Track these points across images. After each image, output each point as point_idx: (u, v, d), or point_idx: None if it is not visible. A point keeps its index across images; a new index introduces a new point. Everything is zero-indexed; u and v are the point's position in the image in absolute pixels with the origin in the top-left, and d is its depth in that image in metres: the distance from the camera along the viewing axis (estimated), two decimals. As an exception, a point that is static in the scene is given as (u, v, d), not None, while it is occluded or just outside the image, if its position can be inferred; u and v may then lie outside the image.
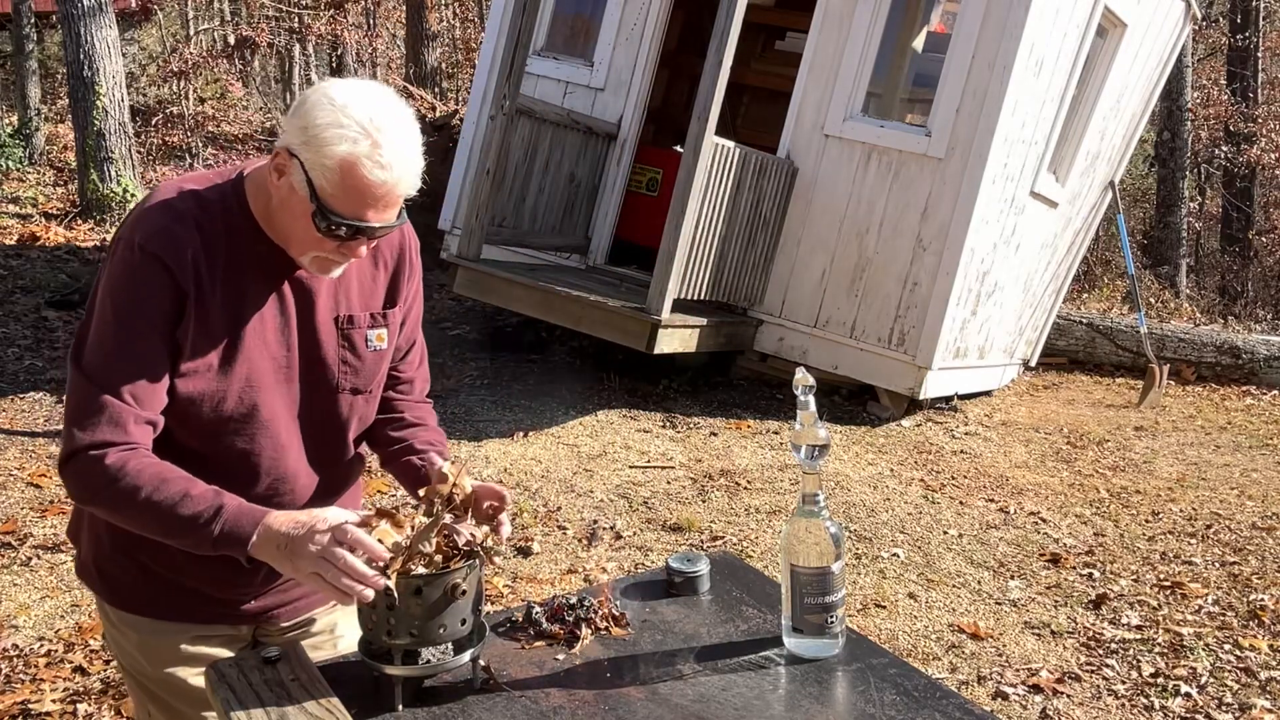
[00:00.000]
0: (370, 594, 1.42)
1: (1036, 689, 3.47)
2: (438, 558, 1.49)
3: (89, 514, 1.76)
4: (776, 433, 6.00)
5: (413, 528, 1.49)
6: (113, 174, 9.50)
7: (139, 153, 10.76)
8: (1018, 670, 3.60)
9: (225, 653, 1.72)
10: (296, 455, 1.73)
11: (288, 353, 1.68)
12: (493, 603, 3.70)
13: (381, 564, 1.44)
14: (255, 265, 1.63)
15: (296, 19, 14.98)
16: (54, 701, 3.05)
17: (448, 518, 1.52)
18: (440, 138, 9.03)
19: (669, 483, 5.14)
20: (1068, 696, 3.44)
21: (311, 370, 1.70)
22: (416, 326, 1.86)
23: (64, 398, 1.63)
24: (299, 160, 1.52)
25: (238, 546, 1.51)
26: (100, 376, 1.55)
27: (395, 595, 1.44)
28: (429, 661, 1.51)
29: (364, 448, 1.88)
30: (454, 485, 1.54)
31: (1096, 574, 4.46)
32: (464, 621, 1.52)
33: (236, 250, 1.61)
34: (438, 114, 10.32)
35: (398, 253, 1.78)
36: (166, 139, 12.42)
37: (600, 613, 1.75)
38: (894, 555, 4.50)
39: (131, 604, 1.76)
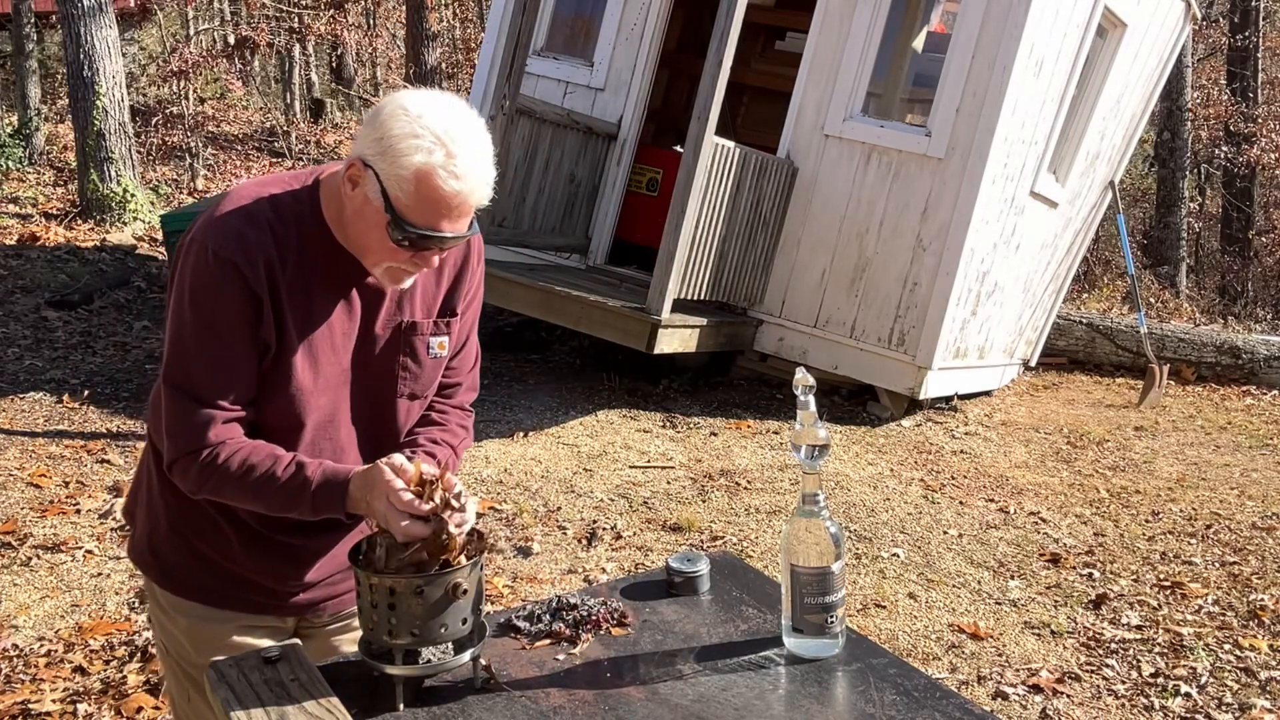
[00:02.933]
0: (419, 528, 1.45)
1: (1036, 689, 3.47)
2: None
3: (146, 495, 1.79)
4: (776, 433, 6.00)
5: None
6: (113, 174, 9.50)
7: (139, 153, 10.76)
8: (1018, 670, 3.60)
9: (270, 643, 1.72)
10: (354, 458, 1.75)
11: (352, 358, 1.70)
12: (493, 603, 3.70)
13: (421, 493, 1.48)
14: (326, 271, 1.64)
15: (296, 19, 14.97)
16: (54, 701, 3.05)
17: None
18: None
19: (669, 483, 5.14)
20: (1068, 696, 3.44)
21: (374, 375, 1.72)
22: (472, 329, 1.85)
23: (153, 402, 1.69)
24: (374, 170, 1.52)
25: (336, 506, 1.57)
26: (187, 385, 1.59)
27: (442, 521, 1.46)
28: (429, 661, 1.51)
29: None
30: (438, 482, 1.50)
31: (1096, 574, 4.46)
32: (465, 621, 1.52)
33: (308, 256, 1.63)
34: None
35: (462, 259, 1.78)
36: (166, 139, 12.41)
37: (600, 613, 1.75)
38: (894, 555, 4.50)
39: (184, 589, 1.78)
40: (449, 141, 1.50)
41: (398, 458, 1.54)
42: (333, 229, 1.63)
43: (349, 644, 1.73)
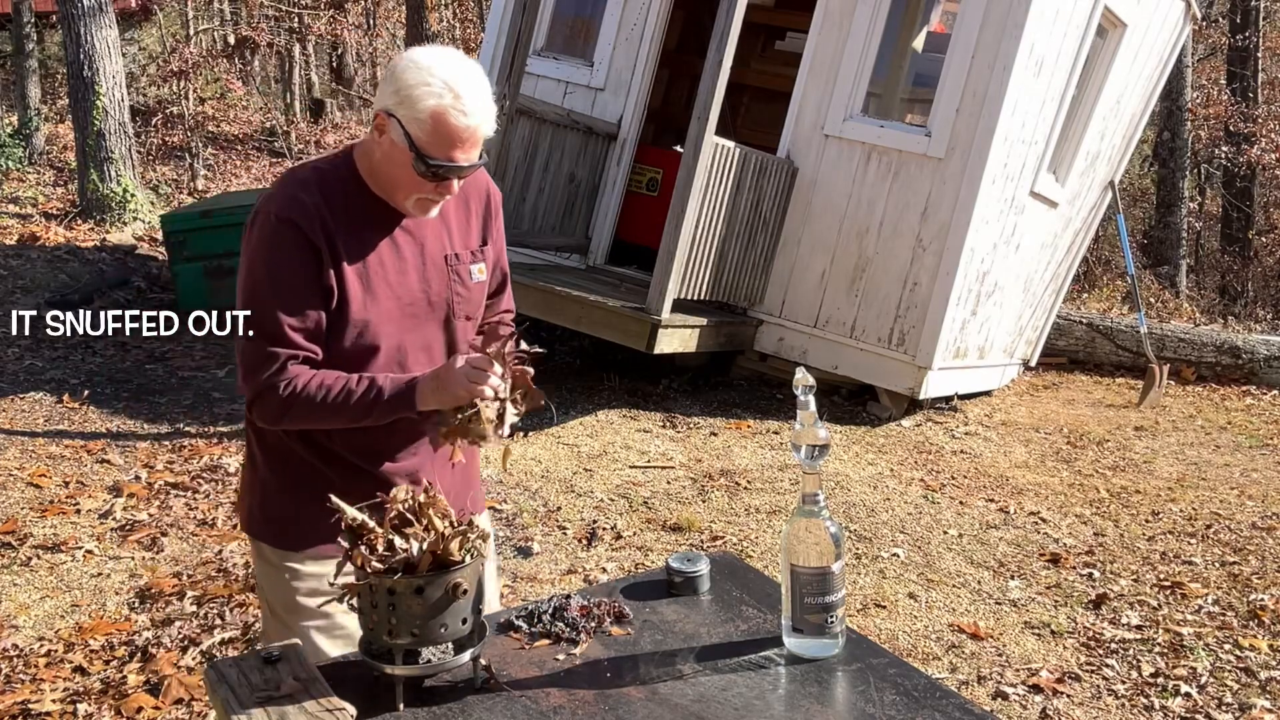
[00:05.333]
0: (489, 389, 1.75)
1: (1036, 689, 3.47)
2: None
3: (251, 474, 2.05)
4: (776, 433, 6.00)
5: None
6: (113, 174, 9.50)
7: (139, 153, 10.76)
8: (1018, 670, 3.60)
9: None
10: None
11: (408, 290, 1.94)
12: (493, 603, 3.70)
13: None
14: (370, 218, 1.90)
15: (296, 19, 14.97)
16: (54, 701, 3.05)
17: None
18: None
19: (669, 483, 5.14)
20: (1068, 696, 3.44)
21: (430, 303, 1.97)
22: (502, 255, 2.14)
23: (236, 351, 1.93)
24: (396, 118, 1.79)
25: (406, 405, 1.83)
26: (263, 330, 1.84)
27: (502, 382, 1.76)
28: (429, 661, 1.52)
29: None
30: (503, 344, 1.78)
31: (1096, 574, 4.46)
32: (465, 621, 1.52)
33: (353, 207, 1.89)
34: (438, 114, 10.30)
35: (485, 199, 2.07)
36: (166, 139, 12.41)
37: (600, 613, 1.75)
38: (894, 555, 4.50)
39: (298, 541, 1.97)
40: (455, 85, 1.77)
41: (461, 358, 1.81)
42: (368, 182, 1.90)
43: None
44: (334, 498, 1.61)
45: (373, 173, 1.89)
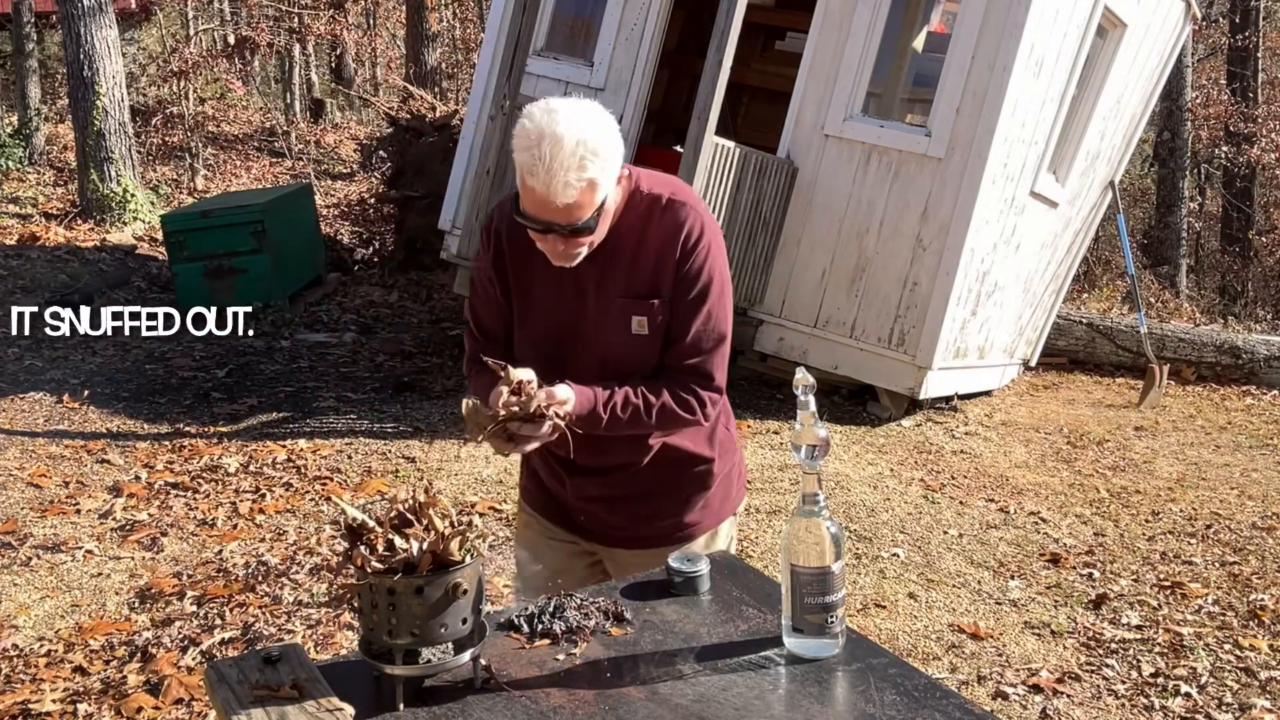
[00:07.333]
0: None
1: (1036, 689, 3.47)
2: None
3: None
4: (776, 433, 6.00)
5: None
6: (113, 174, 9.50)
7: (139, 153, 10.76)
8: (1018, 670, 3.60)
9: (569, 549, 2.29)
10: None
11: (567, 320, 2.06)
12: (493, 603, 3.69)
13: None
14: (536, 250, 1.99)
15: (296, 19, 14.97)
16: (54, 701, 3.05)
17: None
18: (440, 138, 9.02)
19: (669, 483, 5.14)
20: (1068, 696, 3.44)
21: (586, 340, 2.06)
22: (691, 316, 2.03)
23: None
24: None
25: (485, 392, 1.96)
26: (470, 318, 2.20)
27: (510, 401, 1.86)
28: (429, 661, 1.52)
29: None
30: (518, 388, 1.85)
31: (1096, 574, 4.46)
32: (465, 621, 1.52)
33: (523, 238, 1.99)
34: (438, 114, 10.31)
35: (679, 251, 2.01)
36: (166, 139, 12.42)
37: (600, 612, 1.75)
38: (894, 555, 4.50)
39: (530, 504, 2.34)
40: (537, 143, 1.80)
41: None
42: None
43: (647, 560, 2.09)
44: (335, 498, 1.63)
45: None
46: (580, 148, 1.81)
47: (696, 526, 2.23)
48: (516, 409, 1.84)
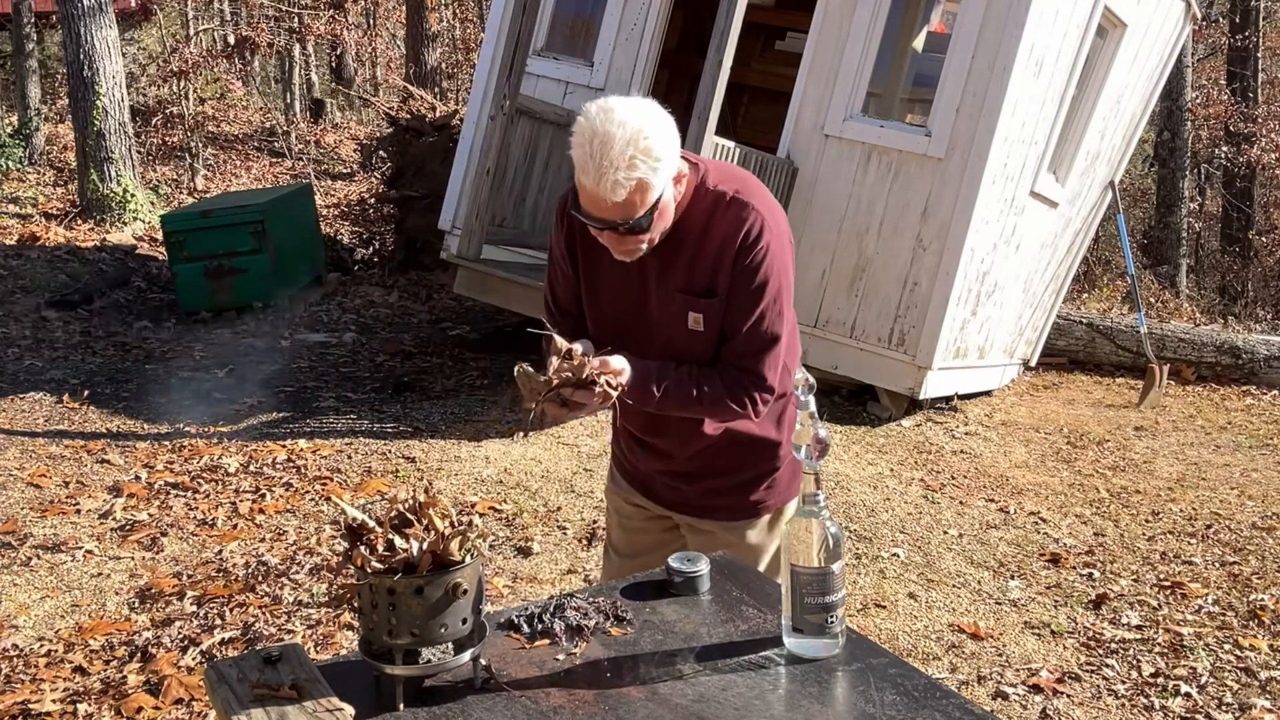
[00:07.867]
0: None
1: (1036, 689, 3.47)
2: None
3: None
4: (776, 433, 5.99)
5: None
6: (113, 174, 9.50)
7: (139, 153, 10.76)
8: (1018, 670, 3.60)
9: (646, 513, 2.41)
10: None
11: (629, 308, 2.12)
12: (493, 603, 3.69)
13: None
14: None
15: (296, 19, 14.97)
16: (54, 701, 3.05)
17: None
18: (440, 138, 9.02)
19: (669, 483, 5.14)
20: (1068, 696, 3.44)
21: (646, 331, 2.12)
22: (747, 315, 2.05)
23: None
24: None
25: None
26: (548, 292, 2.26)
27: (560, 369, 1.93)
28: (429, 661, 1.52)
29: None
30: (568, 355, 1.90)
31: (1096, 574, 4.46)
32: (465, 621, 1.52)
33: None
34: (438, 114, 10.31)
35: (735, 250, 2.03)
36: (166, 139, 12.41)
37: (600, 612, 1.75)
38: (894, 555, 4.50)
39: (615, 470, 2.48)
40: (589, 141, 1.84)
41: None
42: None
43: (730, 538, 2.25)
44: (335, 498, 1.65)
45: None
46: (630, 147, 1.84)
47: (763, 505, 2.30)
48: (569, 374, 1.88)
